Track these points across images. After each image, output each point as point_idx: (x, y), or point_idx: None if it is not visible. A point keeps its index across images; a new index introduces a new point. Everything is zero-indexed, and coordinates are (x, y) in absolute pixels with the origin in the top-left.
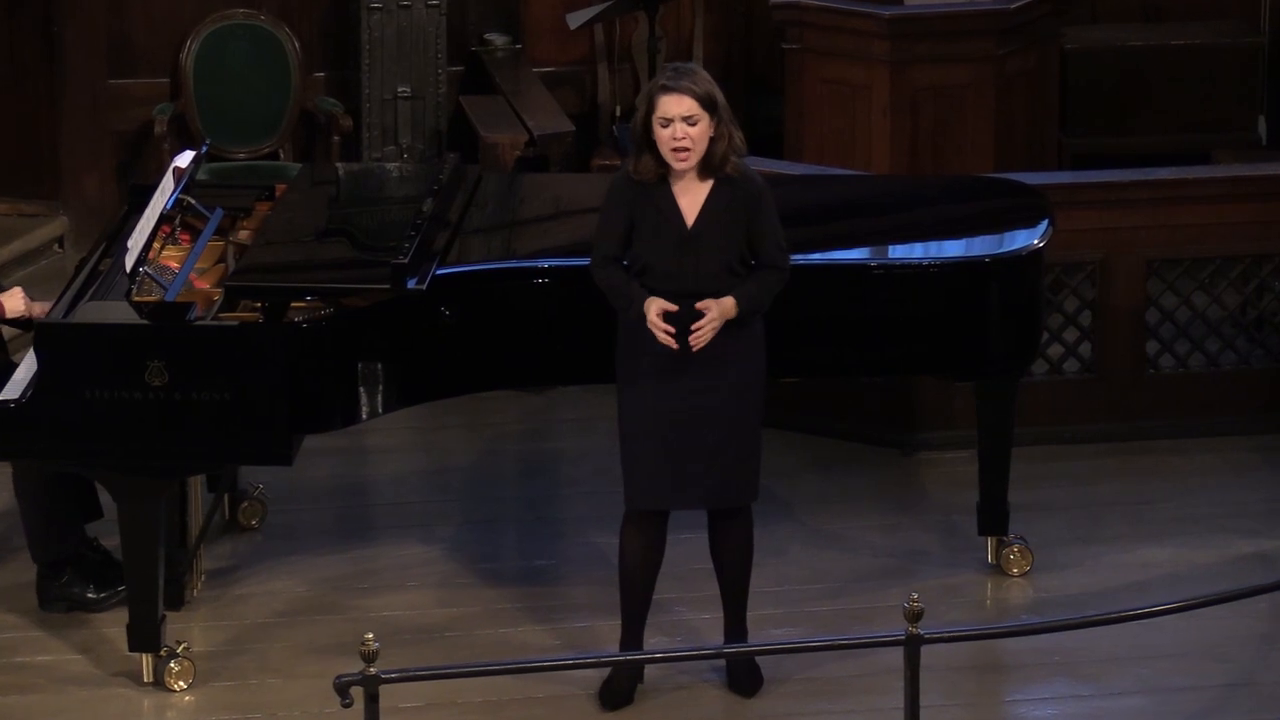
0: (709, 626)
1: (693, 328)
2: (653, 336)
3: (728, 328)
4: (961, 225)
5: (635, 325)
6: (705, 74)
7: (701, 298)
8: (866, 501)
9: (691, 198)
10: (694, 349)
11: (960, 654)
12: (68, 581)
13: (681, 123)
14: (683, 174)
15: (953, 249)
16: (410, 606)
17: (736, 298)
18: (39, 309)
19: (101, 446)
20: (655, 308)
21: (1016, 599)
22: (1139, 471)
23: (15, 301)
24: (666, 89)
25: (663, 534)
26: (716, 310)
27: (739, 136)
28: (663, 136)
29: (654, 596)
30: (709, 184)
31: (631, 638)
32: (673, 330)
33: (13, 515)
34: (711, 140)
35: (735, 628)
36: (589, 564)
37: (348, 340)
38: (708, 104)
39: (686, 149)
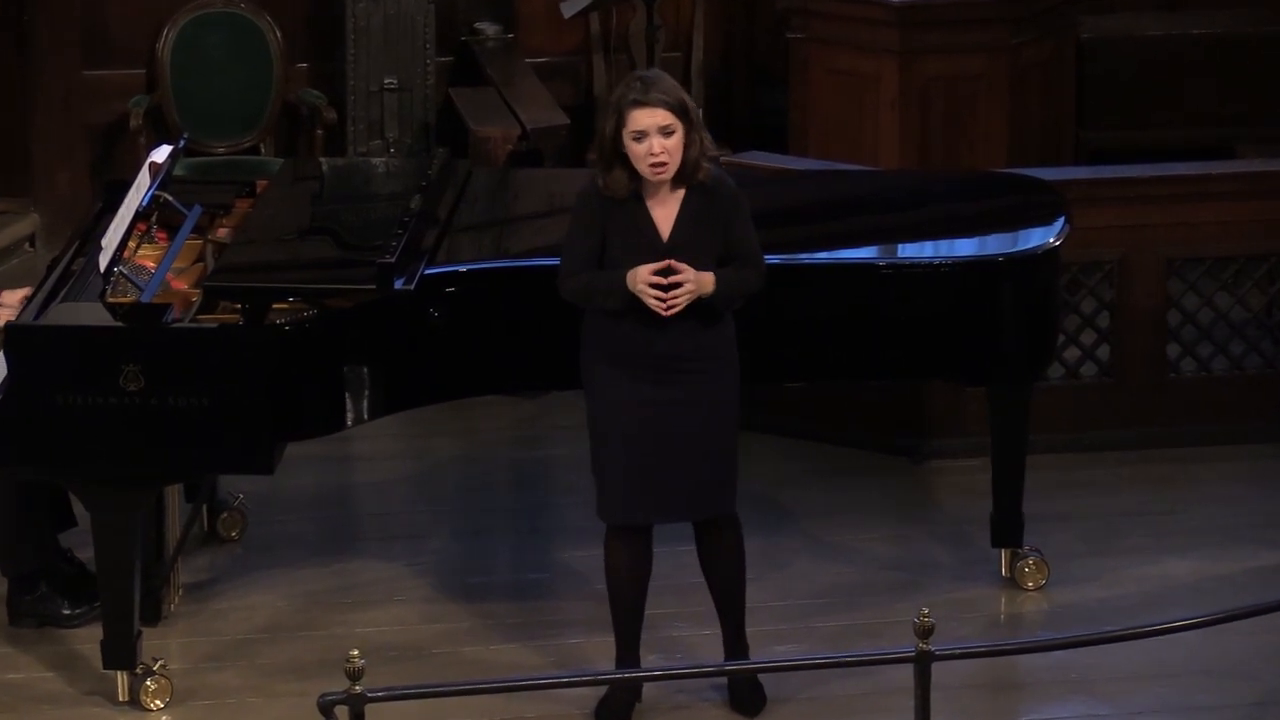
0: (709, 643)
1: (666, 296)
2: (623, 341)
3: (699, 332)
4: (973, 223)
5: (601, 329)
6: (671, 79)
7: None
8: (874, 512)
9: (666, 209)
10: (667, 314)
11: (972, 671)
12: (40, 596)
13: (658, 135)
14: (657, 186)
15: (964, 247)
16: (397, 622)
17: (715, 277)
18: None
19: (74, 454)
20: (644, 271)
21: (1031, 614)
22: (1159, 480)
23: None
24: (638, 102)
25: (649, 547)
26: (691, 273)
27: (708, 140)
28: (638, 151)
29: (652, 611)
30: (682, 193)
31: (627, 655)
32: (664, 295)
33: None
34: (685, 148)
35: (735, 643)
36: (584, 577)
37: (332, 343)
38: (681, 112)
39: (664, 162)
